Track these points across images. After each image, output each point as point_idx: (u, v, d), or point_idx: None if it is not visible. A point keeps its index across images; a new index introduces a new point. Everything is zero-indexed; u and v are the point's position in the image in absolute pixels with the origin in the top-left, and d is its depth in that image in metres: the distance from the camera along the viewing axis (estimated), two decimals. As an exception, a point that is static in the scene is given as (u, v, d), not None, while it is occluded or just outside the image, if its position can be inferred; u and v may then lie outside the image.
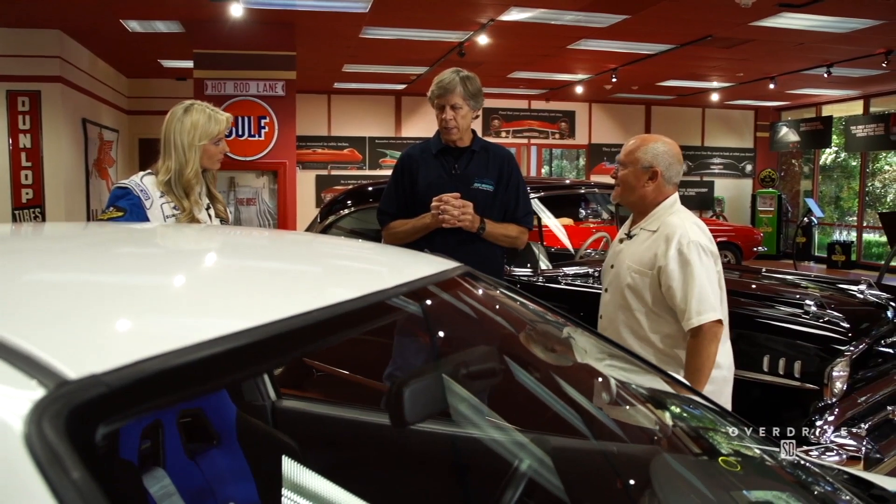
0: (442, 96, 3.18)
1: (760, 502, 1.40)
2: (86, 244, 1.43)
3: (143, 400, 0.74)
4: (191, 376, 0.78)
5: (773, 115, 16.53)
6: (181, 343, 0.79)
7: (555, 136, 15.95)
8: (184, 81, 12.09)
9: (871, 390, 3.54)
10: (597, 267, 4.46)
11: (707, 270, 2.54)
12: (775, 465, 1.53)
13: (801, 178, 16.72)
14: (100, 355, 0.75)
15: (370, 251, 1.88)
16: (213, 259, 1.45)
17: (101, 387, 0.69)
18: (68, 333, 0.81)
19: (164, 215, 2.75)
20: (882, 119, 13.22)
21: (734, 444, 1.59)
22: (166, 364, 0.75)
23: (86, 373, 0.70)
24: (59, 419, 0.65)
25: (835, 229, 15.50)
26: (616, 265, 2.78)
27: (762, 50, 9.79)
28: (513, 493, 1.30)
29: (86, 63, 10.07)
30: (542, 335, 1.66)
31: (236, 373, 0.93)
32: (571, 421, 1.47)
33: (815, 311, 3.42)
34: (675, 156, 2.73)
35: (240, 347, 0.83)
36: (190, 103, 2.88)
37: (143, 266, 1.25)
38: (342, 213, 5.42)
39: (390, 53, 10.41)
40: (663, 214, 2.69)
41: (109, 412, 0.70)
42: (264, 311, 0.93)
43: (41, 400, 0.67)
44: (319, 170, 14.60)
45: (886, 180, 17.20)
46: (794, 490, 1.47)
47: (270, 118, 8.52)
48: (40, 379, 0.69)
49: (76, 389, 0.68)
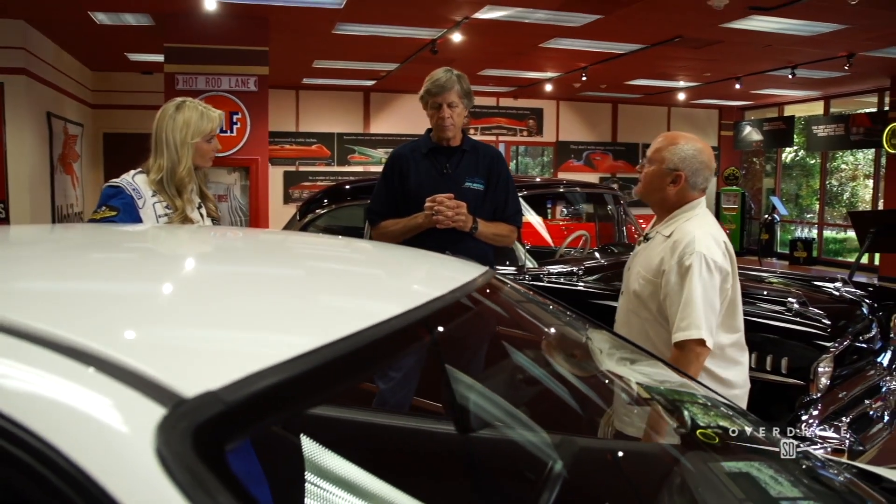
0: (439, 94, 3.18)
1: (783, 498, 1.43)
2: (158, 254, 1.42)
3: (259, 413, 0.74)
4: (305, 386, 0.78)
5: (736, 114, 16.82)
6: (289, 354, 0.78)
7: (523, 134, 16.02)
8: (150, 75, 11.88)
9: (850, 386, 3.64)
10: (578, 266, 4.51)
11: (705, 286, 2.38)
12: (792, 463, 1.56)
13: (763, 176, 17.04)
14: (212, 371, 0.75)
15: (410, 256, 1.87)
16: (287, 267, 1.44)
17: (219, 404, 0.69)
18: (176, 350, 0.81)
19: (157, 215, 2.71)
20: (842, 119, 13.54)
21: (750, 441, 1.63)
22: (280, 376, 0.75)
23: (202, 390, 0.70)
24: (185, 438, 0.65)
25: (796, 226, 15.82)
26: (631, 268, 2.69)
27: (730, 51, 9.95)
28: (549, 495, 1.31)
29: (50, 55, 9.84)
30: (569, 338, 1.68)
31: (346, 380, 0.93)
32: (598, 423, 1.49)
33: (798, 309, 3.50)
34: (705, 161, 2.55)
35: (347, 354, 0.83)
36: (181, 100, 2.84)
37: (227, 276, 1.25)
38: (319, 212, 5.40)
39: (362, 49, 10.35)
40: (681, 219, 2.55)
41: (229, 427, 0.70)
42: (358, 319, 0.93)
43: (164, 420, 0.66)
44: (287, 166, 14.47)
45: (843, 179, 17.61)
46: (812, 487, 1.51)
47: (243, 114, 8.42)
48: (159, 399, 0.68)
49: (195, 408, 0.68)
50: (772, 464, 1.47)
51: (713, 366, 2.47)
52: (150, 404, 0.69)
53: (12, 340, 0.75)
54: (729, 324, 2.53)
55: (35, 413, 0.67)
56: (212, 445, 0.68)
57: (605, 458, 1.54)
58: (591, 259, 4.82)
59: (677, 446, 1.56)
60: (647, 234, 2.69)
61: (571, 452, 1.45)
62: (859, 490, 1.53)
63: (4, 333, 0.76)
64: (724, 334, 2.51)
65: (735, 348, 2.57)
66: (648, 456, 1.55)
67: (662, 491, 1.38)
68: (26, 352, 0.74)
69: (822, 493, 1.44)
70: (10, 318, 0.79)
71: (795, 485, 1.42)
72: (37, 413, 0.67)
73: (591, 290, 4.21)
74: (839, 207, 16.23)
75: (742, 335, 2.58)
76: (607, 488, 1.47)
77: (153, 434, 0.66)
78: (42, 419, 0.67)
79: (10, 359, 0.74)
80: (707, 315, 2.36)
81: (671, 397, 1.71)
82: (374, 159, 14.86)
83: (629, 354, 1.79)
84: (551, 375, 1.63)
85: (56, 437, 0.65)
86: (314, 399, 0.89)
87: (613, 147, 16.50)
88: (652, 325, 2.53)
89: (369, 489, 1.34)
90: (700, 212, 2.58)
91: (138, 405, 0.69)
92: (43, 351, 0.74)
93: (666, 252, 2.48)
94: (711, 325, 2.39)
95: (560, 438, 1.48)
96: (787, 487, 1.41)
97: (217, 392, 0.71)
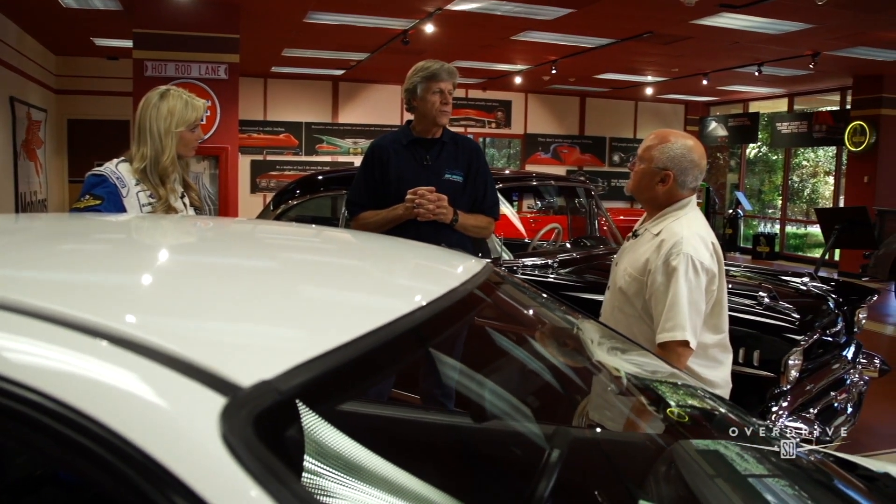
0: (444, 81, 3.24)
1: (765, 486, 1.48)
2: (192, 249, 1.42)
3: (311, 401, 0.76)
4: (352, 373, 0.80)
5: (702, 109, 17.05)
6: (334, 342, 0.81)
7: (491, 126, 16.07)
8: (115, 61, 11.68)
9: (817, 378, 3.75)
10: (551, 258, 4.56)
11: (690, 287, 2.37)
12: (772, 451, 1.61)
13: (727, 171, 17.31)
14: (265, 361, 0.77)
15: (424, 250, 1.89)
16: (313, 260, 1.45)
17: (274, 392, 0.71)
18: (228, 343, 0.83)
19: (140, 204, 2.69)
20: (805, 117, 13.82)
21: (731, 430, 1.68)
22: (328, 364, 0.77)
23: (257, 380, 0.72)
24: (247, 425, 0.67)
25: (759, 222, 16.11)
26: (618, 263, 2.67)
27: (699, 47, 10.08)
28: (546, 483, 1.34)
29: (13, 38, 9.63)
30: (563, 330, 1.71)
31: (388, 367, 0.95)
32: (593, 415, 1.53)
33: (768, 303, 3.58)
34: (694, 160, 2.52)
35: (392, 340, 0.85)
36: (165, 89, 2.81)
37: (261, 270, 1.27)
38: (293, 203, 5.40)
39: (332, 39, 10.29)
40: (669, 218, 2.53)
41: (285, 415, 0.72)
42: (392, 309, 0.95)
43: (225, 408, 0.68)
44: (255, 155, 14.34)
45: (805, 175, 17.98)
46: (790, 473, 1.56)
47: (213, 102, 8.33)
48: (220, 389, 0.70)
49: (253, 397, 0.70)
50: (758, 452, 1.51)
51: (696, 366, 2.48)
52: (212, 394, 0.71)
53: (76, 335, 0.76)
54: (714, 324, 2.53)
55: (105, 406, 0.69)
56: (271, 432, 0.70)
57: (598, 447, 1.57)
58: (563, 252, 4.87)
59: (666, 434, 1.60)
60: (637, 230, 2.67)
61: (565, 441, 1.48)
62: (833, 473, 1.59)
63: (67, 328, 0.77)
64: (708, 334, 2.51)
65: (718, 349, 2.57)
66: (638, 444, 1.58)
67: (650, 478, 1.42)
68: (93, 346, 0.75)
69: (813, 483, 1.49)
70: (71, 313, 0.79)
71: (771, 473, 1.47)
72: (107, 406, 0.69)
73: (565, 282, 4.26)
74: (801, 203, 16.58)
75: (726, 336, 2.59)
76: (599, 476, 1.51)
77: (217, 421, 0.68)
78: (112, 412, 0.68)
79: (80, 353, 0.75)
80: (692, 317, 2.36)
81: (659, 386, 1.75)
82: (343, 149, 14.80)
83: (620, 345, 1.83)
84: (544, 365, 1.66)
85: (126, 429, 0.67)
86: (361, 385, 0.91)
87: (581, 140, 16.63)
88: (636, 322, 2.53)
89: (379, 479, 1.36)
90: (689, 211, 2.56)
91: (202, 395, 0.71)
92: (108, 345, 0.75)
93: (653, 251, 2.47)
94: (696, 326, 2.39)
95: (553, 428, 1.51)
96: (763, 476, 1.45)
97: (271, 381, 0.74)
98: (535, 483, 1.33)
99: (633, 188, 2.64)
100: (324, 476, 0.73)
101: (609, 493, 1.40)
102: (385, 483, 0.86)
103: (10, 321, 0.81)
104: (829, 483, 1.56)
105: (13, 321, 0.81)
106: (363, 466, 0.83)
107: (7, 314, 0.82)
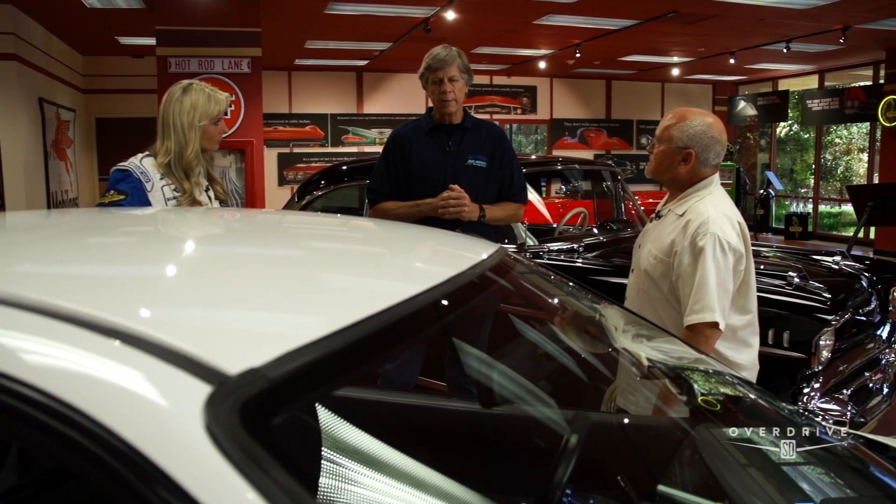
0: (441, 69, 3.19)
1: (793, 471, 1.45)
2: (192, 237, 1.43)
3: (301, 389, 0.75)
4: (343, 361, 0.79)
5: (730, 89, 16.78)
6: (326, 330, 0.80)
7: (517, 112, 15.97)
8: (140, 59, 11.78)
9: (850, 359, 3.68)
10: (577, 243, 4.52)
11: (718, 268, 2.33)
12: (802, 437, 1.58)
13: (757, 151, 17.05)
14: (254, 349, 0.76)
15: (429, 236, 1.87)
16: (311, 248, 1.45)
17: (262, 380, 0.70)
18: (217, 331, 0.82)
19: (165, 198, 2.71)
20: (837, 93, 13.53)
21: (758, 412, 1.65)
22: (318, 352, 0.76)
23: (245, 367, 0.71)
24: (233, 415, 0.66)
25: (791, 201, 15.85)
26: (642, 245, 2.63)
27: (724, 25, 9.91)
28: (564, 468, 1.33)
29: (40, 40, 9.76)
30: (581, 315, 1.69)
31: (380, 354, 0.94)
32: (614, 400, 1.51)
33: (798, 283, 3.52)
34: (715, 136, 2.46)
35: (380, 329, 0.84)
36: (188, 83, 2.82)
37: (254, 257, 1.26)
38: (317, 194, 5.40)
39: (354, 29, 10.28)
40: (694, 198, 2.48)
41: (274, 403, 0.71)
42: (387, 296, 0.94)
43: (210, 397, 0.68)
44: (281, 148, 14.42)
45: (837, 153, 17.63)
46: (819, 457, 1.53)
47: (237, 96, 8.36)
48: (205, 378, 0.69)
49: (240, 385, 0.69)
50: (786, 438, 1.48)
51: (724, 348, 2.44)
52: (197, 383, 0.70)
53: (62, 325, 0.76)
54: (741, 304, 2.49)
55: (89, 395, 0.68)
56: (259, 421, 0.69)
57: (618, 432, 1.55)
58: (590, 236, 4.83)
59: (689, 419, 1.57)
60: (660, 211, 2.63)
61: (585, 426, 1.46)
62: (865, 457, 1.55)
63: (53, 318, 0.77)
64: (736, 316, 2.47)
65: (747, 330, 2.53)
66: (660, 429, 1.56)
67: (673, 462, 1.40)
68: (76, 336, 0.75)
69: (843, 467, 1.46)
70: (57, 303, 0.79)
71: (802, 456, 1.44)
72: (90, 395, 0.69)
73: (591, 266, 4.23)
74: (834, 182, 16.28)
75: (755, 316, 2.54)
76: (620, 461, 1.49)
77: (202, 411, 0.67)
78: (95, 401, 0.68)
79: (62, 343, 0.75)
80: (720, 297, 2.33)
81: (684, 372, 1.72)
82: (368, 139, 14.81)
83: (643, 331, 1.81)
84: (564, 351, 1.64)
85: (108, 418, 0.66)
86: (352, 373, 0.90)
87: (608, 124, 16.47)
88: (663, 305, 2.49)
89: (381, 465, 1.35)
90: (714, 190, 2.51)
91: (186, 384, 0.70)
92: (91, 334, 0.75)
93: (678, 232, 2.43)
94: (724, 307, 2.35)
95: (573, 413, 1.49)
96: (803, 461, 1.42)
97: (260, 369, 0.73)
98: (554, 468, 1.32)
99: (654, 170, 2.59)
100: (312, 464, 0.73)
101: (630, 478, 1.38)
102: (382, 470, 0.85)
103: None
104: (860, 467, 1.52)
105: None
106: (354, 453, 0.82)
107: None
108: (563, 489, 1.31)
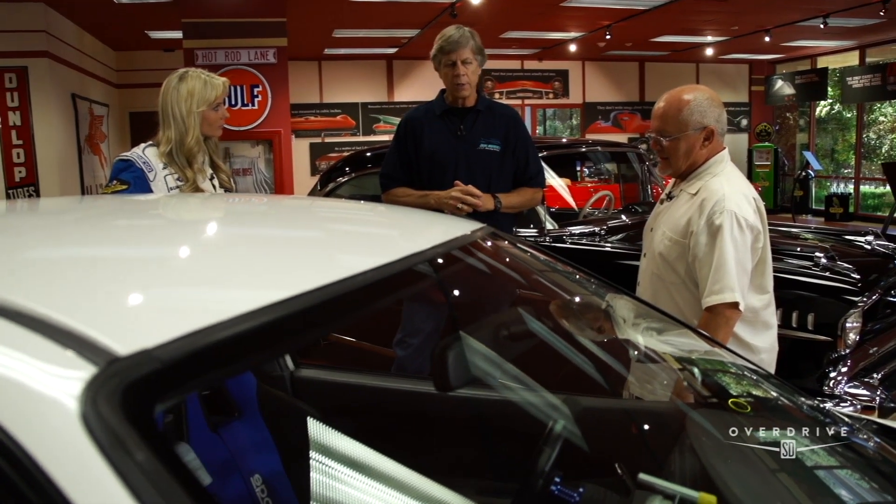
0: (453, 51, 3.12)
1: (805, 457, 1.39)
2: (108, 217, 1.40)
3: (195, 373, 0.72)
4: (242, 347, 0.75)
5: (767, 68, 16.40)
6: (228, 314, 0.76)
7: (549, 96, 15.80)
8: (171, 52, 11.91)
9: (882, 341, 3.54)
10: (601, 226, 4.45)
11: (736, 246, 2.26)
12: (812, 420, 1.51)
13: (796, 131, 16.65)
14: (148, 330, 0.73)
15: (391, 214, 1.84)
16: (237, 229, 1.41)
17: (154, 362, 0.67)
18: (112, 309, 0.79)
19: (168, 187, 2.71)
20: (879, 69, 13.12)
21: (769, 399, 1.58)
22: (217, 336, 0.72)
23: (137, 348, 0.68)
24: (114, 397, 0.62)
25: (831, 182, 15.46)
26: (654, 228, 2.54)
27: (758, 2, 9.67)
28: (549, 453, 1.28)
29: (72, 37, 9.90)
30: (570, 296, 1.64)
31: (284, 343, 0.90)
32: (603, 383, 1.45)
33: (825, 263, 3.40)
34: (713, 100, 2.42)
35: (287, 316, 0.80)
36: (184, 71, 2.82)
37: (172, 238, 1.22)
38: (340, 181, 5.39)
39: (381, 17, 10.25)
40: (706, 176, 2.41)
41: (164, 387, 0.68)
42: (302, 280, 0.90)
43: (94, 378, 0.64)
44: (313, 137, 14.47)
45: (881, 131, 17.14)
46: (832, 450, 1.46)
47: (263, 86, 8.40)
48: (90, 357, 0.66)
49: (128, 366, 0.66)
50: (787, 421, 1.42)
51: (741, 331, 2.37)
52: (82, 363, 0.67)
53: None
54: (759, 283, 2.42)
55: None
56: (143, 404, 0.66)
57: (612, 419, 1.50)
58: (614, 219, 4.75)
59: (688, 407, 1.52)
60: (671, 192, 2.55)
61: (575, 412, 1.42)
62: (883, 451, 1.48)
63: None
64: (755, 296, 2.40)
65: (765, 311, 2.46)
66: (657, 416, 1.51)
67: (664, 451, 1.35)
68: None
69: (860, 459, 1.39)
70: None
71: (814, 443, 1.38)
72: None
73: (615, 250, 4.15)
74: (877, 161, 15.81)
75: (772, 296, 2.47)
76: (613, 447, 1.44)
77: (81, 392, 0.64)
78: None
79: None
80: (739, 276, 2.26)
81: (694, 364, 1.66)
82: (400, 128, 14.78)
83: (649, 321, 1.75)
84: (565, 340, 1.59)
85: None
86: (256, 358, 0.87)
87: (641, 106, 16.21)
88: (679, 289, 2.42)
89: (378, 458, 1.32)
90: (726, 167, 2.44)
91: (69, 363, 0.67)
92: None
93: (694, 211, 2.35)
94: (744, 286, 2.29)
95: (563, 398, 1.44)
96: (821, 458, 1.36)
97: (152, 350, 0.69)
98: (538, 452, 1.28)
99: (676, 165, 2.46)
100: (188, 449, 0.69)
101: (617, 463, 1.33)
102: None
103: None
104: (877, 460, 1.45)
105: None
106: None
107: None
108: (551, 475, 1.27)
